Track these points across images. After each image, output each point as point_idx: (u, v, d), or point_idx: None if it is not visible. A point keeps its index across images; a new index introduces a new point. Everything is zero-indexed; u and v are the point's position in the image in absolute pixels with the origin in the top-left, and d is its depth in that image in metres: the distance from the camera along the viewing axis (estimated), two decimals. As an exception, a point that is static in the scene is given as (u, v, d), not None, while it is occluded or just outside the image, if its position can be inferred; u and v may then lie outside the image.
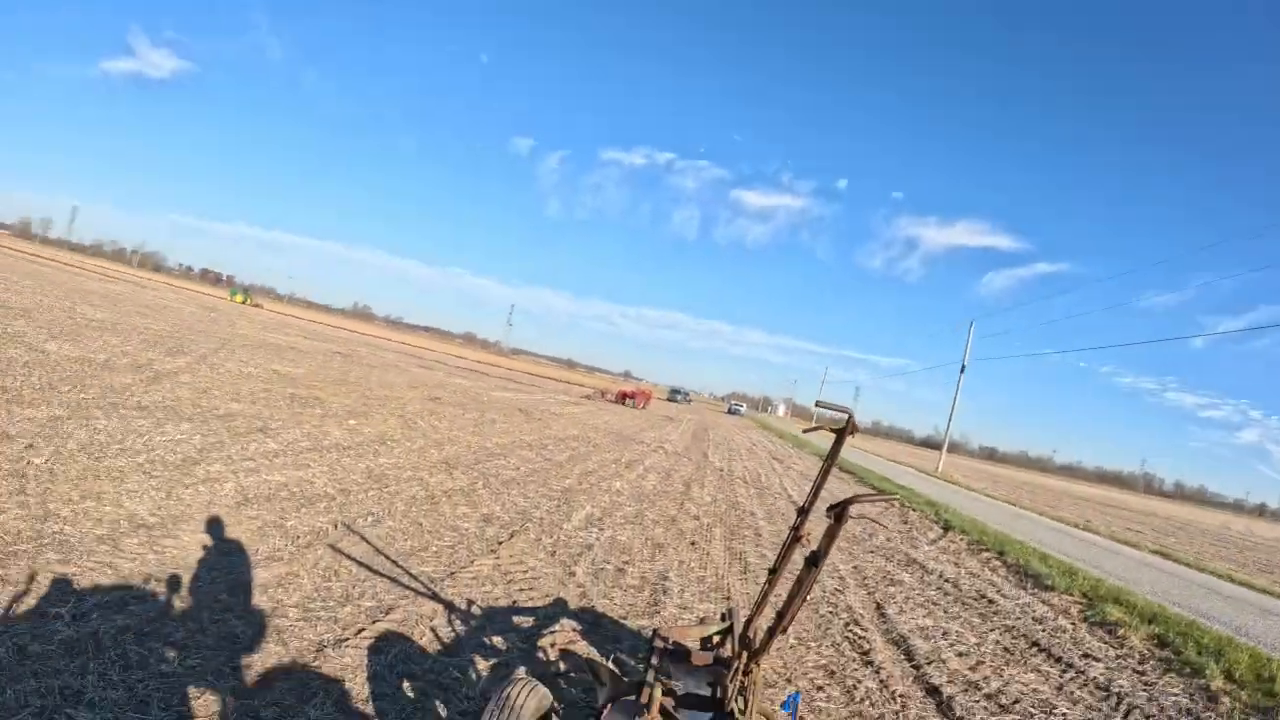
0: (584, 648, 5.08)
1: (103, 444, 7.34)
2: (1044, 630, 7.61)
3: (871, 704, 5.00)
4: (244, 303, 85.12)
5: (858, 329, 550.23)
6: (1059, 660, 6.64)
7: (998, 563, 11.45)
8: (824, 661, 5.70)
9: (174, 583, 4.64)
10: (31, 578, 4.16)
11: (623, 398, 48.33)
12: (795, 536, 3.02)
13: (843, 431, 2.89)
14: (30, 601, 3.90)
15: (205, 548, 5.40)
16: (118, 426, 8.20)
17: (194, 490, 6.73)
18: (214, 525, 5.93)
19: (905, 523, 14.85)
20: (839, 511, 2.68)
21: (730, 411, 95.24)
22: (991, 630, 7.37)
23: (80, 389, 9.64)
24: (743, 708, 3.14)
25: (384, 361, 35.20)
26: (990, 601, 8.65)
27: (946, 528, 14.50)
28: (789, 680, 5.20)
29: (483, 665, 4.50)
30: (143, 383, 11.41)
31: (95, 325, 17.66)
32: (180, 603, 4.40)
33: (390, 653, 4.37)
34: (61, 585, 4.17)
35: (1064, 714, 5.35)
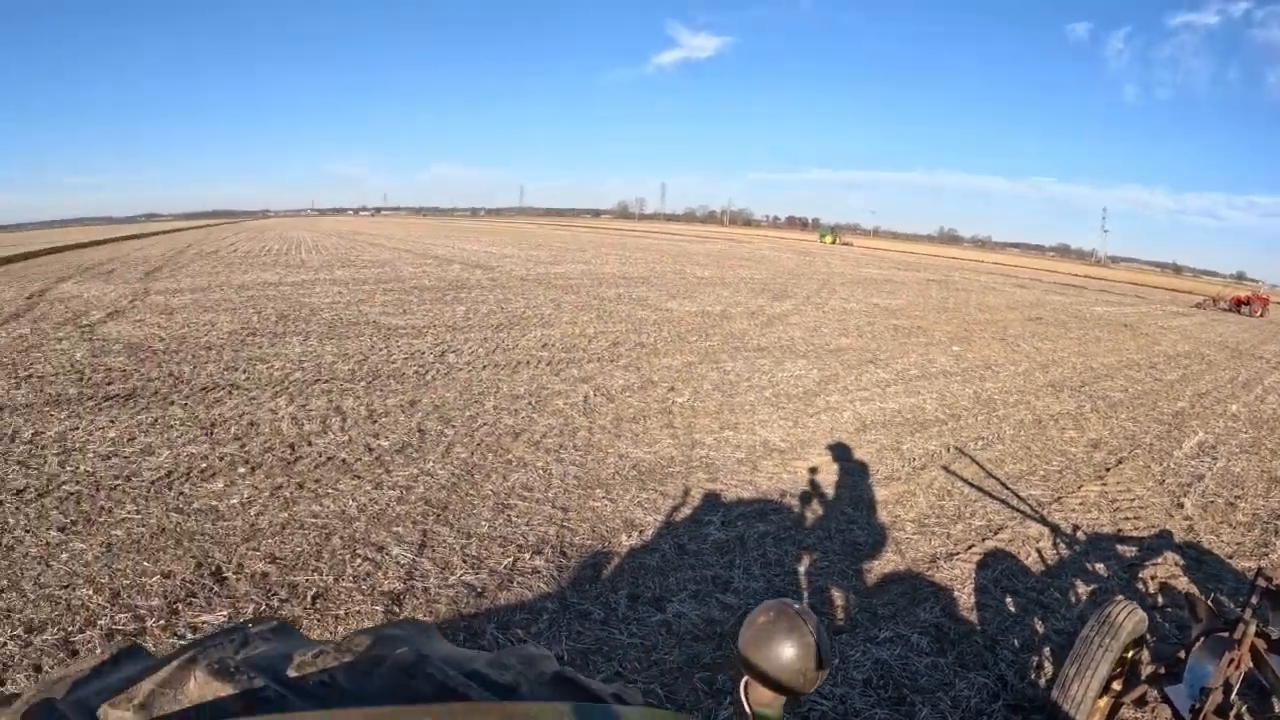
0: (1184, 583, 4.89)
1: (732, 383, 8.98)
2: None
3: None
4: (833, 242, 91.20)
5: None
6: None
7: None
8: None
9: (805, 498, 5.56)
10: (686, 492, 5.45)
11: (1236, 304, 40.96)
12: None
13: None
14: (686, 511, 5.13)
15: (830, 468, 6.29)
16: (743, 367, 9.91)
17: (816, 419, 7.81)
18: (836, 449, 6.83)
19: None
20: None
21: None
22: None
23: (704, 338, 11.90)
24: None
25: (979, 284, 34.61)
26: None
27: None
28: None
29: (1082, 589, 4.55)
30: (758, 327, 13.49)
31: (704, 282, 21.43)
32: (810, 514, 5.27)
33: (996, 569, 4.64)
34: (711, 498, 5.36)
35: None
